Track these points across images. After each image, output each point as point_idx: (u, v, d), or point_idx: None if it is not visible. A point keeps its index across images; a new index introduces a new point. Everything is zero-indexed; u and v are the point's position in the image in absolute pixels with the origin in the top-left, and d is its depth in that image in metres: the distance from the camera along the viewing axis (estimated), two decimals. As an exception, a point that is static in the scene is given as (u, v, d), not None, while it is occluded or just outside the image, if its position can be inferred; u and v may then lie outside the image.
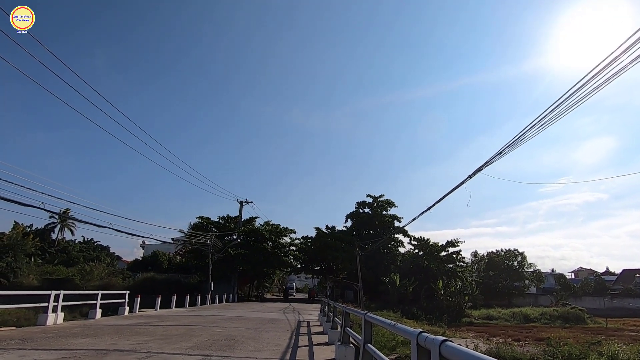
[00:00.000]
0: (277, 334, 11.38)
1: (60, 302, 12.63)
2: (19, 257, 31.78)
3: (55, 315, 12.32)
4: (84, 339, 9.05)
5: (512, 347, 15.73)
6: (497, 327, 28.65)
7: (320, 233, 47.19)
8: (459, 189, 11.66)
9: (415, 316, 29.72)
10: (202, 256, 37.38)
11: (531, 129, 7.72)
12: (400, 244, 47.51)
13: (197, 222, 44.16)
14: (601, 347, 14.98)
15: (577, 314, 34.90)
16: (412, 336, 2.91)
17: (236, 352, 7.86)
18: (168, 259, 47.30)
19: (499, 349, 14.11)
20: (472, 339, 20.19)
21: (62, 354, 7.01)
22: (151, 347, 8.08)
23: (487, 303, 40.93)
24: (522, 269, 51.42)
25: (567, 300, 44.13)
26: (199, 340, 9.37)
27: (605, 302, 46.83)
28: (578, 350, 13.62)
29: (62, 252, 46.59)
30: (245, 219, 46.01)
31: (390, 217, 47.29)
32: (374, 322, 5.14)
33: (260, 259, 41.70)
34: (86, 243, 54.39)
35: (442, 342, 2.36)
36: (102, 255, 48.35)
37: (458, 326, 27.97)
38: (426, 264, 42.26)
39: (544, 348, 14.80)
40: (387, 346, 13.00)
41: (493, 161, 8.70)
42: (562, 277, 59.82)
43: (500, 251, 52.89)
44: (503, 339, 20.87)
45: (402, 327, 3.58)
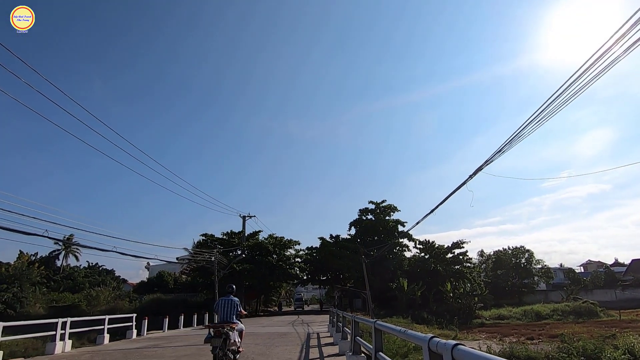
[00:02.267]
0: (287, 348, 11.26)
1: (67, 329, 12.53)
2: (25, 287, 31.63)
3: (63, 343, 12.21)
4: (93, 366, 8.96)
5: (526, 346, 15.54)
6: (509, 326, 28.31)
7: (325, 242, 46.98)
8: (461, 189, 11.67)
9: (426, 321, 29.42)
10: (208, 274, 37.15)
11: (529, 125, 7.77)
12: (406, 248, 47.30)
13: (200, 240, 44.03)
14: (616, 341, 14.80)
15: (589, 308, 34.51)
16: (423, 342, 2.90)
17: (247, 369, 7.76)
18: (174, 278, 47.04)
19: (513, 349, 13.93)
20: (484, 340, 19.95)
21: (72, 383, 6.93)
22: (161, 370, 7.99)
23: (498, 303, 40.52)
24: (530, 265, 50.98)
25: (578, 295, 43.68)
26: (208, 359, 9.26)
27: (617, 294, 46.35)
28: (593, 345, 13.45)
29: (67, 279, 46.37)
30: (249, 234, 45.85)
31: (394, 222, 47.13)
32: (384, 329, 5.10)
33: (265, 272, 41.44)
34: (91, 268, 54.12)
35: (453, 347, 2.35)
36: (107, 279, 48.10)
37: (469, 328, 27.65)
38: (433, 267, 41.99)
39: (559, 345, 14.61)
40: (399, 353, 12.84)
41: (493, 159, 8.73)
42: (571, 271, 59.25)
43: (507, 249, 52.53)
44: (516, 338, 20.63)
45: (412, 333, 3.56)
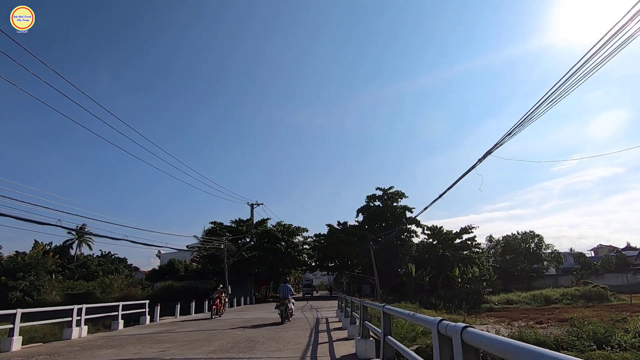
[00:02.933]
0: (297, 333, 11.42)
1: (83, 315, 12.87)
2: (41, 275, 32.50)
3: (79, 329, 12.56)
4: (109, 350, 9.20)
5: (535, 330, 15.55)
6: (518, 311, 28.33)
7: (333, 229, 47.19)
8: (470, 174, 11.52)
9: (434, 306, 29.59)
10: (218, 261, 37.70)
11: (540, 107, 7.57)
12: (414, 234, 47.27)
13: (210, 228, 44.57)
14: (627, 324, 14.72)
15: (600, 292, 34.32)
16: (432, 325, 2.87)
17: (257, 353, 7.90)
18: (184, 266, 47.87)
19: (522, 333, 13.95)
20: (493, 324, 20.02)
21: (88, 366, 7.13)
22: (174, 354, 8.18)
23: (506, 287, 40.50)
24: (540, 250, 50.67)
25: (588, 279, 43.41)
26: (220, 344, 9.45)
27: (628, 278, 45.97)
28: (603, 328, 13.39)
29: (81, 267, 47.54)
30: (257, 221, 46.22)
31: (402, 209, 47.03)
32: (392, 313, 5.11)
33: (274, 259, 41.92)
34: (104, 257, 55.36)
35: (463, 329, 2.32)
36: (120, 267, 49.20)
37: (478, 313, 27.76)
38: (441, 252, 42.01)
39: (568, 329, 14.59)
40: (407, 337, 12.97)
41: (503, 142, 8.55)
42: (582, 255, 58.81)
43: (516, 234, 52.22)
44: (525, 322, 20.66)
45: (421, 316, 3.55)
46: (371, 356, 6.83)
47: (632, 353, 10.90)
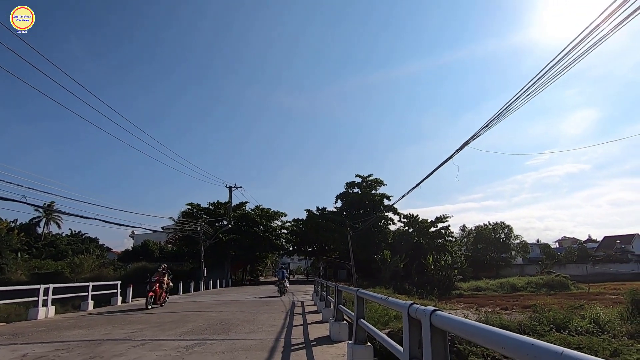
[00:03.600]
0: (272, 315, 11.50)
1: (50, 295, 12.47)
2: (5, 253, 31.19)
3: (46, 309, 12.19)
4: (77, 331, 8.99)
5: (500, 315, 16.30)
6: (486, 297, 29.60)
7: (311, 215, 47.42)
8: (447, 164, 11.74)
9: (407, 291, 30.43)
10: (194, 243, 37.27)
11: (517, 100, 7.73)
12: (391, 221, 48.20)
13: (186, 209, 43.86)
14: (584, 311, 15.63)
15: (561, 281, 36.25)
16: (403, 308, 2.93)
17: (231, 335, 7.92)
18: (159, 247, 47.10)
19: (488, 318, 14.57)
20: (462, 310, 20.82)
21: (54, 346, 6.94)
22: (146, 335, 8.08)
23: (476, 275, 42.12)
24: (509, 240, 52.86)
25: (551, 269, 45.73)
26: (194, 326, 9.40)
27: (588, 268, 48.75)
28: (562, 315, 14.19)
29: (49, 246, 45.89)
30: (236, 204, 45.82)
31: (380, 196, 47.69)
32: (366, 297, 5.19)
33: (252, 243, 41.84)
34: (74, 236, 53.60)
35: (432, 312, 2.37)
36: (91, 247, 47.82)
37: (448, 299, 28.79)
38: (416, 240, 43.05)
39: (531, 315, 15.38)
40: (380, 321, 13.30)
41: (480, 134, 8.74)
42: (547, 246, 61.75)
43: (487, 224, 54.12)
44: (491, 308, 21.59)
45: (393, 300, 3.61)
46: (344, 338, 6.96)
47: (586, 337, 11.62)
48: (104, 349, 6.58)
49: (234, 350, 6.35)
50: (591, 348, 9.40)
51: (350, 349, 5.02)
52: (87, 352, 6.38)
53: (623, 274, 46.64)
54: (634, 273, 48.61)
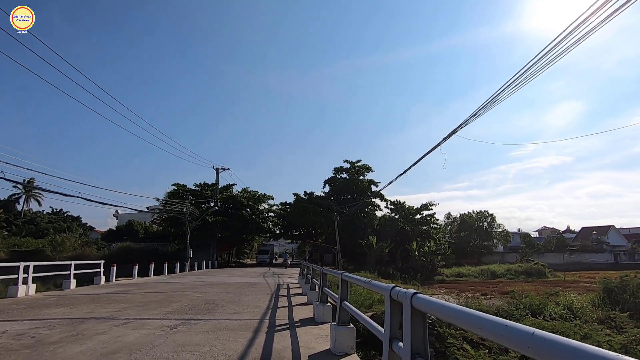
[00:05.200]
0: (257, 297, 11.60)
1: (30, 273, 12.27)
2: (-17, 230, 30.43)
3: (26, 287, 12.01)
4: (58, 309, 8.91)
5: (480, 300, 16.85)
6: (467, 283, 30.48)
7: (299, 199, 47.50)
8: (435, 151, 11.83)
9: (391, 276, 31.09)
10: (180, 224, 37.04)
11: (505, 90, 7.78)
12: (377, 207, 48.69)
13: (172, 190, 43.35)
14: (559, 298, 16.28)
15: (539, 269, 37.55)
16: (385, 291, 2.98)
17: (216, 315, 7.97)
18: (144, 228, 46.67)
19: (468, 303, 15.06)
20: (443, 294, 21.42)
21: (35, 324, 6.88)
22: (129, 314, 8.06)
23: (458, 262, 43.24)
24: (492, 229, 54.18)
25: (531, 257, 47.23)
26: (178, 306, 9.42)
27: (565, 257, 50.43)
28: (538, 301, 14.79)
29: (29, 224, 44.96)
30: (223, 186, 45.51)
31: (367, 182, 47.99)
32: (350, 280, 5.27)
33: (238, 225, 41.81)
34: (55, 214, 52.56)
35: (413, 295, 2.42)
36: (73, 225, 47.06)
37: (431, 284, 29.55)
38: (402, 226, 43.71)
39: (508, 300, 15.96)
40: (364, 304, 13.59)
41: (468, 122, 8.80)
42: (527, 235, 63.58)
43: (471, 213, 55.23)
44: (472, 293, 22.27)
45: (376, 283, 3.67)
46: (327, 320, 7.09)
47: (560, 322, 12.14)
48: (86, 327, 6.55)
49: (219, 330, 6.40)
50: (563, 332, 9.83)
51: (334, 330, 5.12)
52: (68, 329, 6.34)
53: (598, 264, 48.55)
54: (609, 263, 50.66)
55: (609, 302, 15.62)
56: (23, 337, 5.76)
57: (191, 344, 5.31)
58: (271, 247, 54.92)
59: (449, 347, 10.04)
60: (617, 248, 59.69)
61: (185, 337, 5.82)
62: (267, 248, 52.28)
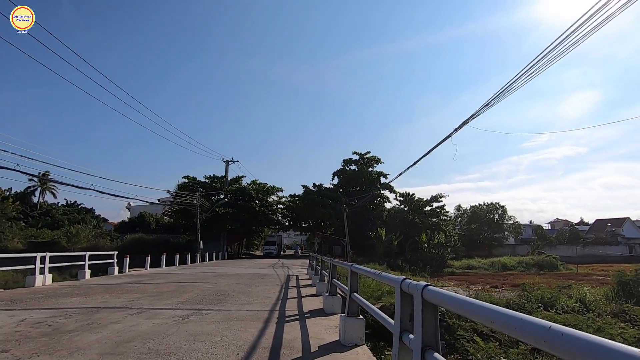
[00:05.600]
0: (267, 288, 11.71)
1: (47, 263, 12.59)
2: (1, 222, 31.27)
3: (43, 277, 12.34)
4: (74, 298, 9.13)
5: (490, 293, 16.75)
6: (477, 275, 30.31)
7: (308, 191, 47.58)
8: (445, 143, 11.68)
9: (400, 268, 31.07)
10: (190, 216, 37.51)
11: (518, 80, 7.60)
12: (386, 199, 48.51)
13: (183, 182, 43.85)
14: (571, 291, 16.09)
15: (551, 262, 37.08)
16: (396, 283, 2.96)
17: (227, 306, 8.07)
18: (155, 219, 47.39)
19: (478, 295, 14.98)
20: (452, 287, 21.35)
21: (52, 313, 7.06)
22: (142, 304, 8.22)
23: (468, 254, 42.95)
24: (503, 221, 53.60)
25: (542, 249, 46.65)
26: (190, 296, 9.57)
27: (578, 250, 49.72)
28: (550, 294, 14.63)
29: (45, 216, 46.02)
30: (232, 179, 45.85)
31: (377, 174, 47.78)
32: (359, 272, 5.26)
33: (248, 217, 42.16)
34: (70, 206, 53.66)
35: (424, 287, 2.39)
36: (87, 217, 48.02)
37: (440, 276, 29.46)
38: (411, 218, 43.53)
39: (519, 293, 15.83)
40: (373, 296, 13.63)
41: (480, 113, 8.64)
42: (540, 228, 62.76)
43: (482, 205, 54.66)
44: (482, 286, 22.16)
45: (386, 275, 3.65)
46: (337, 311, 7.12)
47: (572, 315, 12.01)
48: (101, 316, 6.70)
49: (229, 320, 6.49)
50: (576, 325, 9.72)
51: (343, 321, 5.14)
52: (84, 318, 6.50)
53: (612, 257, 47.74)
54: (623, 256, 49.77)
55: (623, 295, 15.39)
56: (41, 326, 5.92)
57: (203, 334, 5.40)
58: (279, 239, 52.93)
59: (459, 338, 10.04)
60: (632, 240, 58.54)
61: (197, 326, 5.91)
62: (275, 239, 50.21)
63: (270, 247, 47.15)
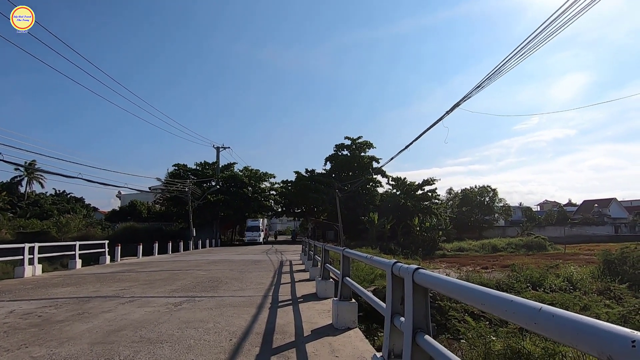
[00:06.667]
0: (260, 274, 11.74)
1: (36, 254, 12.42)
2: (-12, 212, 30.70)
3: (33, 267, 12.19)
4: (65, 288, 9.04)
5: (480, 274, 17.06)
6: (468, 257, 30.85)
7: (300, 176, 47.51)
8: (437, 127, 11.63)
9: (392, 251, 31.46)
10: (182, 204, 37.27)
11: (510, 60, 7.53)
12: (379, 184, 48.72)
13: (173, 170, 43.40)
14: (558, 270, 16.47)
15: (540, 242, 37.88)
16: (387, 266, 2.94)
17: (220, 292, 8.07)
18: (147, 208, 47.00)
19: (469, 277, 15.25)
20: (444, 269, 21.70)
21: (42, 303, 6.98)
22: (134, 292, 8.18)
23: (460, 236, 43.62)
24: (493, 203, 54.34)
25: (531, 231, 47.58)
26: (183, 283, 9.55)
27: (566, 230, 50.83)
28: (538, 273, 14.96)
29: (33, 206, 45.32)
30: (224, 165, 45.50)
31: (369, 159, 47.81)
32: (351, 256, 5.26)
33: (240, 204, 42.02)
34: (58, 195, 52.92)
35: (415, 270, 2.37)
36: (77, 207, 47.43)
37: (432, 259, 29.92)
38: (403, 202, 43.85)
39: (509, 273, 16.15)
40: (366, 279, 13.79)
41: (472, 94, 8.58)
42: (529, 209, 63.90)
43: (474, 188, 55.24)
44: (472, 267, 22.56)
45: (377, 259, 3.64)
46: (330, 296, 7.17)
47: (560, 294, 12.31)
48: (92, 306, 6.65)
49: (223, 306, 6.49)
50: (563, 304, 9.96)
51: (336, 305, 5.16)
52: (75, 308, 6.44)
53: (598, 236, 48.93)
54: (609, 235, 51.04)
55: (609, 273, 15.81)
56: (30, 316, 5.85)
57: (195, 321, 5.39)
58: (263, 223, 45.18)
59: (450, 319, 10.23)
60: (618, 220, 60.04)
61: (189, 314, 5.89)
62: (257, 223, 42.14)
63: (254, 234, 41.09)
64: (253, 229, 41.48)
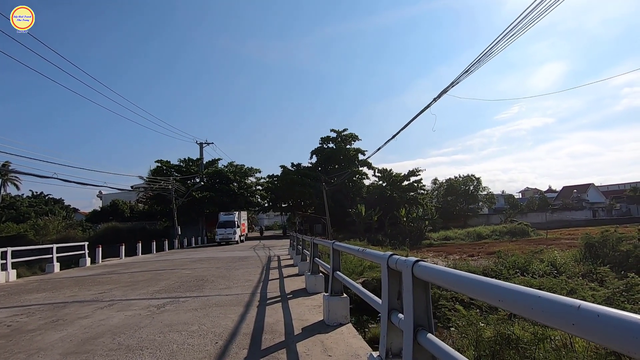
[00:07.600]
0: (248, 270, 11.47)
1: (9, 259, 11.79)
2: (-41, 217, 29.31)
3: (6, 273, 11.57)
4: (40, 294, 8.57)
5: (467, 262, 17.22)
6: (454, 246, 31.21)
7: (286, 171, 47.09)
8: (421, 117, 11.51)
9: (380, 242, 31.60)
10: (166, 202, 36.39)
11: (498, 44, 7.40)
12: (365, 176, 48.79)
13: (156, 167, 42.24)
14: (542, 255, 16.76)
15: (523, 229, 38.69)
16: (382, 260, 2.73)
17: (205, 292, 7.77)
18: (129, 207, 45.80)
19: (456, 265, 15.35)
20: (431, 258, 21.87)
21: (13, 312, 6.55)
22: (115, 295, 7.80)
23: (446, 225, 44.15)
24: (477, 192, 55.17)
25: (514, 218, 48.60)
26: (166, 284, 9.19)
27: (547, 216, 52.15)
28: (523, 259, 15.17)
29: (9, 209, 43.61)
30: (208, 161, 44.63)
31: (355, 151, 47.75)
32: (342, 250, 5.06)
33: (226, 200, 41.35)
34: (36, 197, 51.05)
35: (414, 263, 2.16)
36: (55, 208, 45.90)
37: (419, 248, 30.17)
38: (389, 193, 44.05)
39: (495, 260, 16.34)
40: (355, 271, 13.70)
41: (459, 80, 8.46)
42: (511, 197, 65.23)
43: (458, 177, 55.94)
44: (459, 255, 22.81)
45: (371, 252, 3.43)
46: (320, 290, 6.97)
47: (546, 279, 12.48)
48: (68, 312, 6.26)
49: (208, 306, 6.21)
50: (551, 288, 10.04)
51: (327, 301, 4.96)
52: (49, 315, 6.05)
53: (577, 221, 50.39)
54: (587, 219, 52.63)
55: (590, 256, 16.15)
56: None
57: (179, 323, 5.10)
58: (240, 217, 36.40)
59: (440, 307, 10.20)
60: (595, 205, 61.93)
61: (172, 316, 5.60)
62: (232, 218, 34.30)
63: (227, 230, 33.03)
64: (226, 225, 33.32)
